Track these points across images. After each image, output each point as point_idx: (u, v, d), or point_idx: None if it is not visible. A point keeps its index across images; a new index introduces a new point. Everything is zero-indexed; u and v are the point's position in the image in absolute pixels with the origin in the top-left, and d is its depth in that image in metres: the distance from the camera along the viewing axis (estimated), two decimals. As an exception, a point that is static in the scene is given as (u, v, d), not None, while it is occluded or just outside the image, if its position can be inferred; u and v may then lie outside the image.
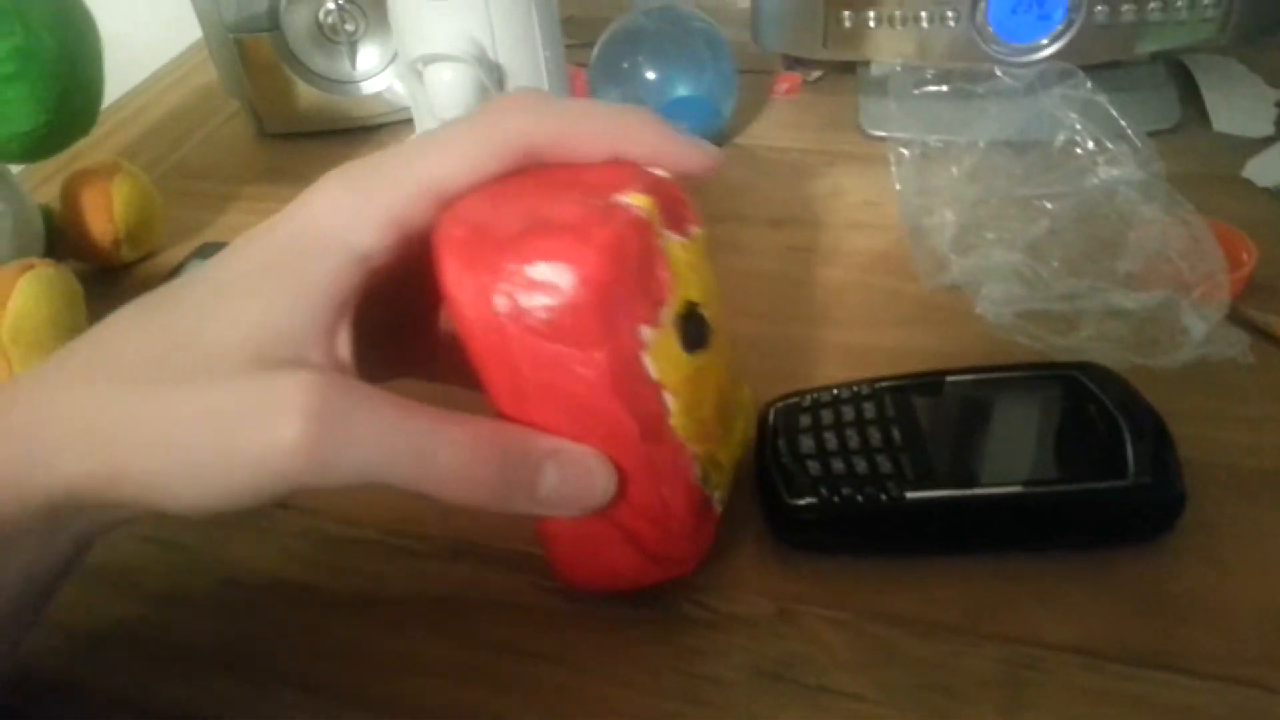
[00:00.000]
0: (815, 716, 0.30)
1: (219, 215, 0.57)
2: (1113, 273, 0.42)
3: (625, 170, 0.29)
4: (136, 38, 0.43)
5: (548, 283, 0.25)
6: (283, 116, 0.61)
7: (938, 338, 0.42)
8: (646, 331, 0.27)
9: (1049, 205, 0.43)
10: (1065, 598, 0.32)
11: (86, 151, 0.58)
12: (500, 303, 0.26)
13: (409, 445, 0.26)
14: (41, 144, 0.41)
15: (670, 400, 0.29)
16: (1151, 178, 0.42)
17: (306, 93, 0.60)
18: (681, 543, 0.31)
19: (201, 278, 0.27)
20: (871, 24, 0.54)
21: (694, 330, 0.29)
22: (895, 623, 0.32)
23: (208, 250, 0.51)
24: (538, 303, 0.26)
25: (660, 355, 0.28)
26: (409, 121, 0.59)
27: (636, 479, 0.29)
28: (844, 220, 0.50)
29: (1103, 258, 0.42)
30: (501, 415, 0.28)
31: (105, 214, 0.50)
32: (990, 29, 0.53)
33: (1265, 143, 0.51)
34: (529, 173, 0.29)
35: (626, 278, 0.26)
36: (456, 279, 0.26)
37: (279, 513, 0.38)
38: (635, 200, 0.27)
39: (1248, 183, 0.49)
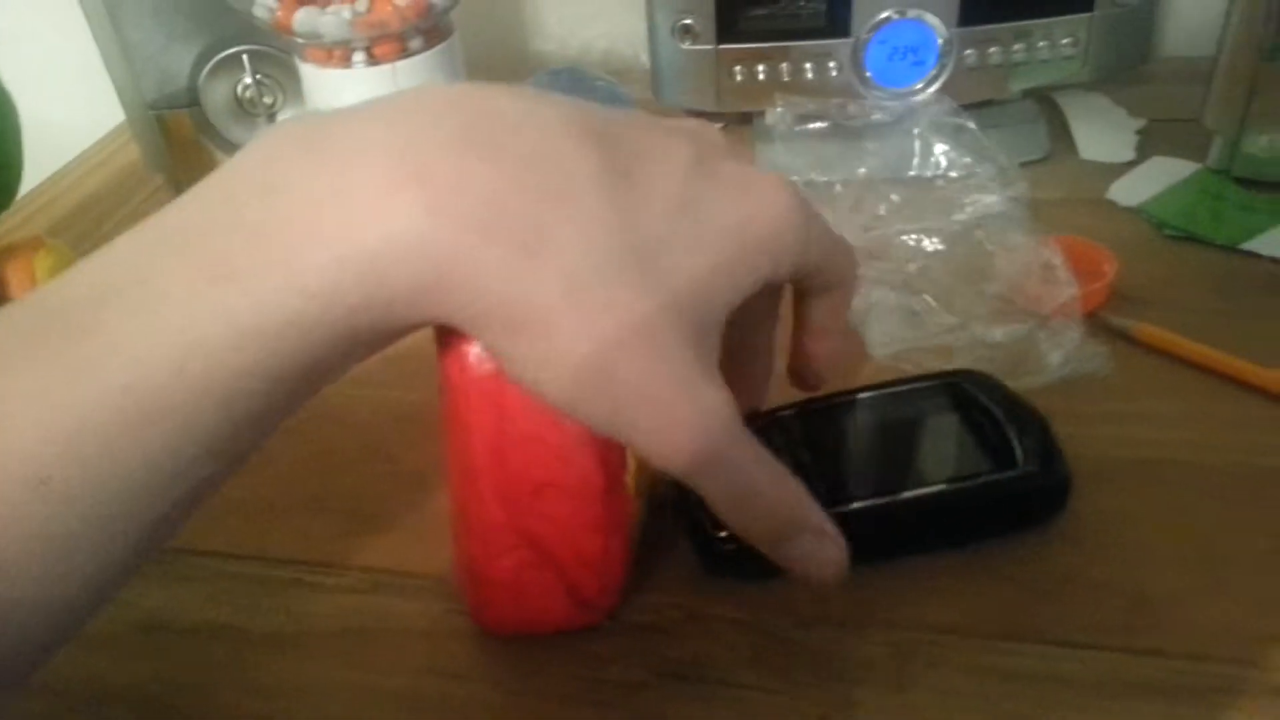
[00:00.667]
0: (723, 709, 0.31)
1: (144, 286, 0.58)
2: (983, 297, 0.44)
3: None
4: (56, 120, 0.45)
5: None
6: (206, 189, 0.63)
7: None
8: None
9: (925, 240, 0.46)
10: (949, 586, 0.34)
11: (7, 233, 0.59)
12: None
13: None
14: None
15: (630, 457, 0.31)
16: (1014, 201, 0.46)
17: (228, 165, 0.62)
18: (613, 594, 0.33)
19: None
20: (761, 78, 0.58)
21: None
22: (793, 620, 0.34)
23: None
24: None
25: None
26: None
27: (591, 530, 0.30)
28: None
29: (973, 285, 0.45)
30: (472, 468, 0.29)
31: (29, 288, 0.51)
32: (870, 76, 0.57)
33: (1127, 167, 0.56)
34: None
35: None
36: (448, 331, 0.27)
37: (192, 557, 0.39)
38: None
39: (1112, 203, 0.53)
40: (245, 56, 0.59)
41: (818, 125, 0.52)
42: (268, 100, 0.61)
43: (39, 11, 0.79)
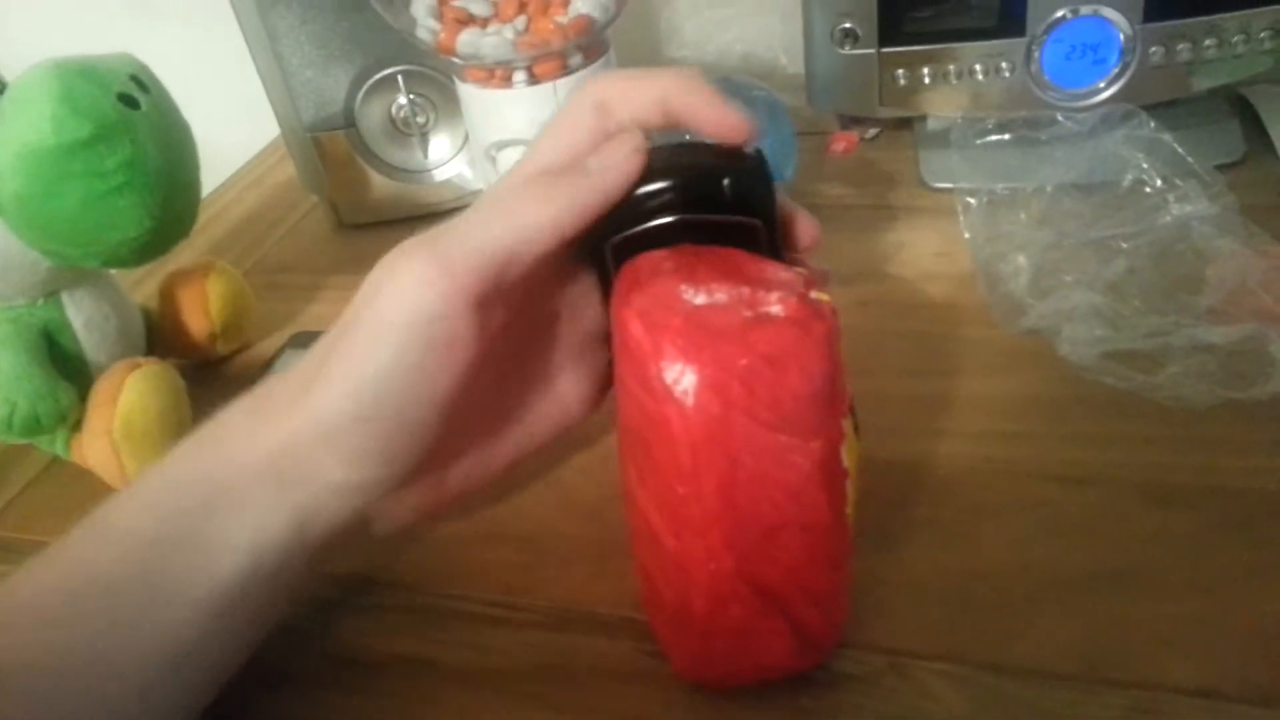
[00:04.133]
0: (937, 771, 0.29)
1: (306, 306, 0.59)
2: (1193, 308, 0.41)
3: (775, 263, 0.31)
4: (213, 140, 0.46)
5: (777, 376, 0.26)
6: (359, 208, 0.64)
7: (1021, 383, 0.42)
8: (845, 422, 0.28)
9: (1124, 245, 0.44)
10: (1186, 639, 0.31)
11: (177, 252, 0.61)
12: (727, 394, 0.26)
13: None
14: (147, 248, 0.43)
15: (850, 489, 0.29)
16: (1224, 211, 0.42)
17: (381, 184, 0.62)
18: (836, 629, 0.31)
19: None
20: (926, 80, 0.55)
21: (854, 416, 0.30)
22: (1009, 673, 0.32)
23: (300, 339, 0.53)
24: (765, 394, 0.26)
25: (849, 445, 0.29)
26: (480, 204, 0.61)
27: (821, 567, 0.29)
28: (915, 272, 0.51)
29: (1181, 294, 0.42)
30: (698, 520, 0.28)
31: (202, 311, 0.52)
32: (1045, 77, 0.54)
33: (1335, 169, 0.51)
34: (690, 254, 0.30)
35: (838, 370, 0.28)
36: (675, 368, 0.27)
37: (380, 588, 0.39)
38: (824, 297, 0.29)
39: (1323, 209, 0.49)
40: (400, 77, 0.59)
41: (998, 137, 0.49)
42: (420, 120, 0.61)
43: (200, 34, 0.82)
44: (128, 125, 0.40)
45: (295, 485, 0.31)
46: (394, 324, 0.29)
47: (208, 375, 0.53)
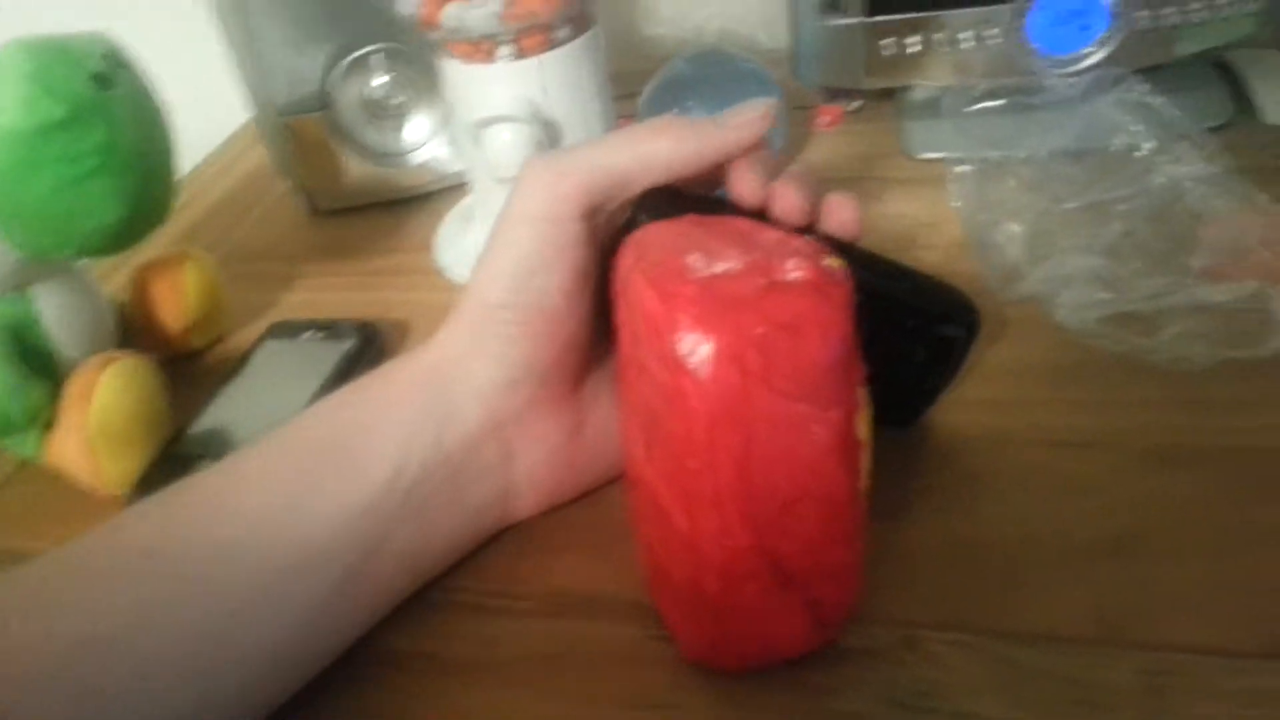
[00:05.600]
0: (957, 743, 0.29)
1: (281, 295, 0.57)
2: (1191, 269, 0.41)
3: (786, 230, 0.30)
4: (181, 125, 0.45)
5: (796, 343, 0.25)
6: (334, 193, 0.62)
7: (1018, 350, 0.42)
8: (861, 392, 0.28)
9: (1119, 208, 0.43)
10: (1200, 600, 0.31)
11: (147, 242, 0.59)
12: (744, 363, 0.25)
13: None
14: (121, 237, 0.42)
15: (864, 460, 0.29)
16: (1221, 172, 0.42)
17: (356, 167, 0.61)
18: (850, 606, 0.31)
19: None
20: (912, 50, 0.54)
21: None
22: (1021, 640, 0.31)
23: (279, 330, 0.51)
24: (784, 362, 0.25)
25: (864, 415, 0.28)
26: (459, 188, 0.60)
27: (837, 541, 0.29)
28: (905, 242, 0.50)
29: (1179, 255, 0.42)
30: (715, 495, 0.27)
31: (176, 303, 0.50)
32: (1032, 44, 0.53)
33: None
34: (700, 223, 0.30)
35: (853, 337, 0.27)
36: (690, 339, 0.26)
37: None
38: (836, 263, 0.28)
39: (1309, 170, 0.49)
40: (375, 56, 0.57)
41: (989, 104, 0.48)
42: (397, 101, 0.59)
43: (167, 14, 0.79)
44: (102, 107, 0.38)
45: (438, 394, 0.34)
46: (520, 219, 0.34)
47: (182, 370, 0.52)
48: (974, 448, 0.38)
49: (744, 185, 0.34)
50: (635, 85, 0.58)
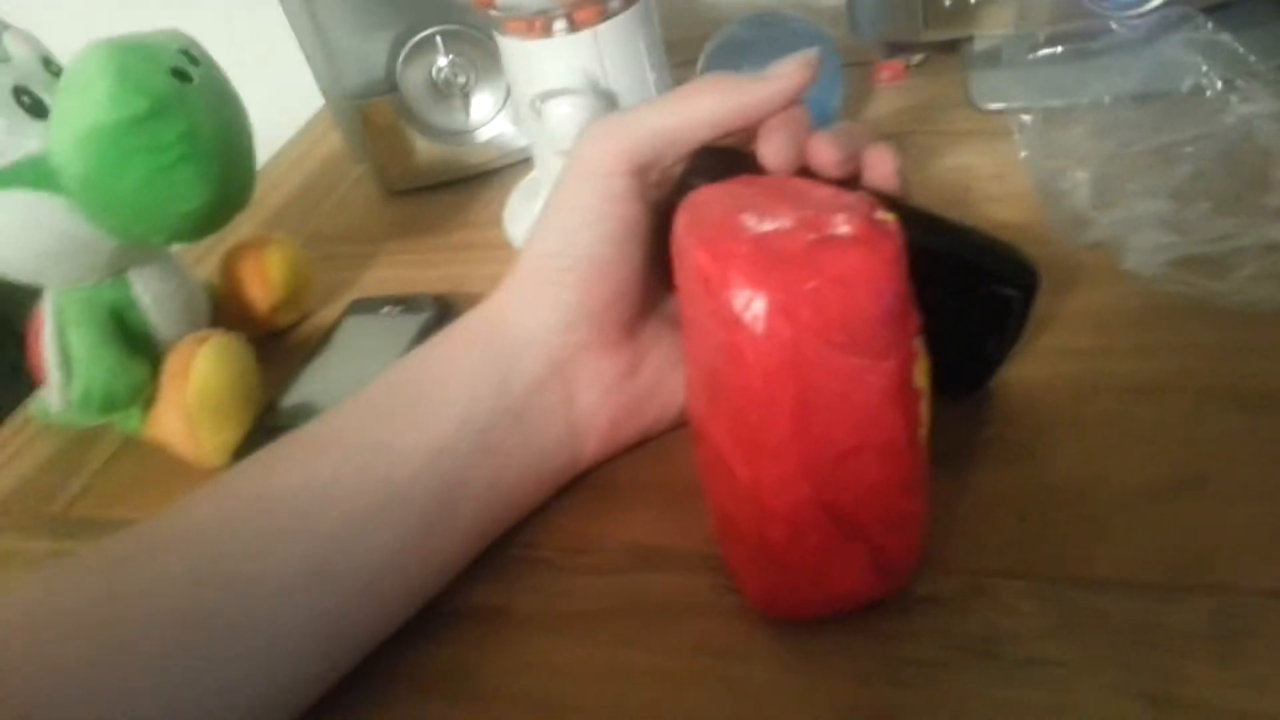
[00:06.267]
0: (1026, 689, 0.29)
1: (361, 273, 0.60)
2: (1262, 209, 0.40)
3: (835, 185, 0.31)
4: (258, 116, 0.47)
5: (847, 296, 0.26)
6: (406, 173, 0.64)
7: (1087, 297, 0.42)
8: (916, 342, 0.28)
9: (1188, 149, 0.42)
10: (1271, 543, 0.31)
11: (234, 228, 0.62)
12: (797, 317, 0.26)
13: None
14: (207, 221, 0.44)
15: (923, 410, 0.29)
16: (1287, 109, 0.41)
17: (426, 147, 0.63)
18: (915, 554, 0.31)
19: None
20: (972, 0, 0.54)
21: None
22: (1090, 586, 0.31)
23: (360, 306, 0.53)
24: (835, 315, 0.26)
25: (921, 365, 0.29)
26: (524, 163, 0.61)
27: (898, 489, 0.29)
28: (974, 195, 0.50)
29: (1251, 194, 0.41)
30: (773, 446, 0.28)
31: (263, 283, 0.53)
32: (1096, -13, 0.52)
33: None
34: (752, 183, 0.31)
35: (905, 289, 0.27)
36: (744, 295, 0.27)
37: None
38: (889, 217, 0.28)
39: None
40: (438, 38, 0.59)
41: (1052, 51, 0.48)
42: (461, 80, 0.61)
43: (240, 11, 0.82)
44: (182, 99, 0.40)
45: (500, 343, 0.37)
46: (570, 177, 0.36)
47: (271, 347, 0.55)
48: (1043, 396, 0.38)
49: (768, 146, 0.34)
50: (692, 52, 0.58)
